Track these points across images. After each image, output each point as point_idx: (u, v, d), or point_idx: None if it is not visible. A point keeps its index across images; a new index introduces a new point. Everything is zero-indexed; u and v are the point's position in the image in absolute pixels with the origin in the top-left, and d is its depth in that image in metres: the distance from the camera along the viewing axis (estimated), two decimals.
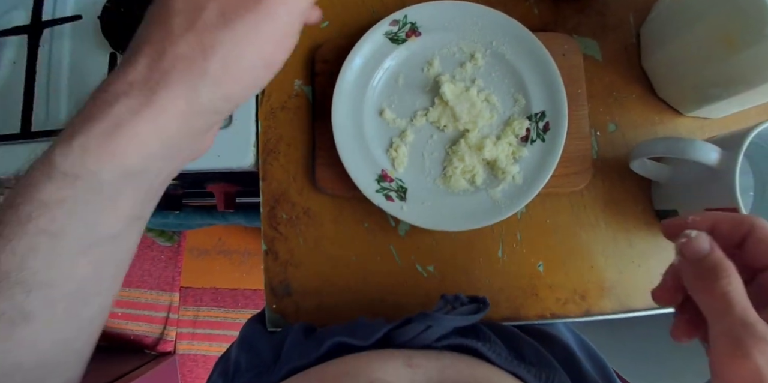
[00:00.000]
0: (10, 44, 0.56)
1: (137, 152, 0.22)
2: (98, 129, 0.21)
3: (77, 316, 0.25)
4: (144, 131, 0.22)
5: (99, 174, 0.22)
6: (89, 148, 0.21)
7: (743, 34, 0.37)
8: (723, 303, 0.23)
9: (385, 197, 0.42)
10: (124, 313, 1.42)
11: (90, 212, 0.22)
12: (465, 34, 0.44)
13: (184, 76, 0.22)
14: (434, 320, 0.35)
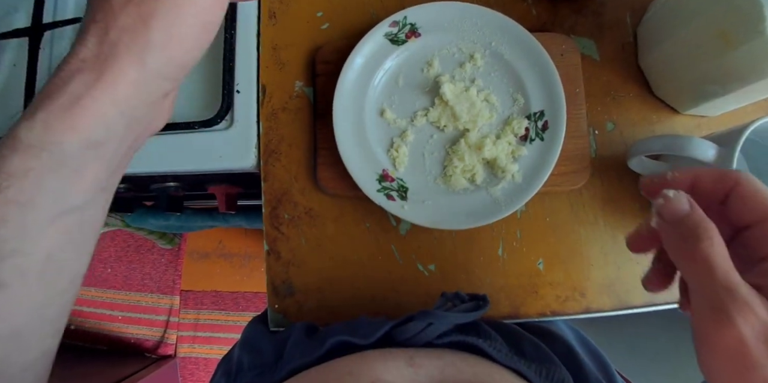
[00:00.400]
0: (11, 47, 0.56)
1: (96, 123, 0.23)
2: (57, 104, 0.23)
3: (49, 284, 0.26)
4: (100, 102, 0.23)
5: (62, 145, 0.23)
6: (50, 122, 0.22)
7: (739, 31, 0.38)
8: (704, 266, 0.22)
9: (387, 197, 0.43)
10: (125, 316, 1.42)
11: (56, 182, 0.23)
12: (464, 34, 0.45)
13: (130, 47, 0.23)
14: (435, 317, 0.35)
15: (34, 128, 0.22)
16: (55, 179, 0.23)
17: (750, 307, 0.20)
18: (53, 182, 0.23)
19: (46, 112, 0.23)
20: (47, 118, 0.23)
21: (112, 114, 0.23)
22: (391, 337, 0.36)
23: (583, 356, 0.42)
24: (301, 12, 0.49)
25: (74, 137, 0.23)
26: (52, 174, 0.23)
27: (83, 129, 0.23)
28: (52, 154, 0.23)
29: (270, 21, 0.49)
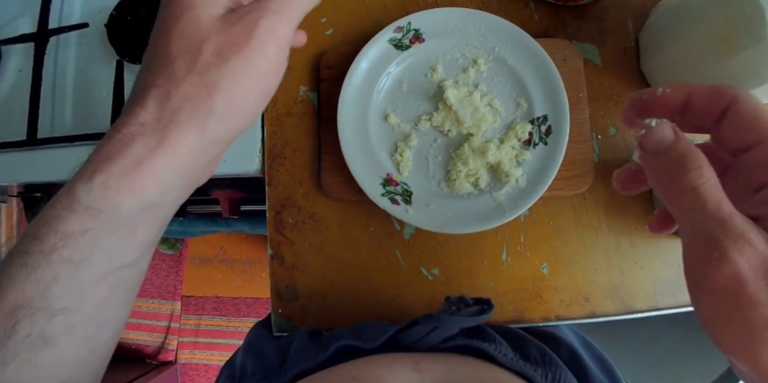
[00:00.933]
0: (16, 52, 0.56)
1: (155, 186, 0.24)
2: (117, 167, 0.23)
3: (95, 339, 0.26)
4: (160, 167, 0.23)
5: (120, 208, 0.23)
6: (110, 185, 0.23)
7: (740, 36, 0.38)
8: (693, 198, 0.20)
9: (391, 201, 0.43)
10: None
11: (110, 243, 0.24)
12: (468, 40, 0.45)
13: (192, 115, 0.23)
14: (440, 321, 0.35)
15: (93, 189, 0.23)
16: (109, 240, 0.24)
17: (746, 239, 0.18)
18: (108, 243, 0.24)
19: (106, 174, 0.23)
20: (107, 180, 0.23)
21: (170, 178, 0.24)
22: (395, 341, 0.36)
23: (588, 361, 0.41)
24: (305, 18, 0.48)
25: (133, 200, 0.23)
26: (108, 235, 0.23)
27: (142, 192, 0.23)
28: (109, 216, 0.23)
29: None
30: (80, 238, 0.23)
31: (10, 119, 0.54)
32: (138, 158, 0.23)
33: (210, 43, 0.23)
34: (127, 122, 0.23)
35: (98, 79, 0.52)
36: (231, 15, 0.24)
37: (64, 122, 0.53)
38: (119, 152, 0.23)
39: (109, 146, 0.23)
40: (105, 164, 0.23)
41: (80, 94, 0.53)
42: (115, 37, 0.51)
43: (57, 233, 0.23)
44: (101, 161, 0.23)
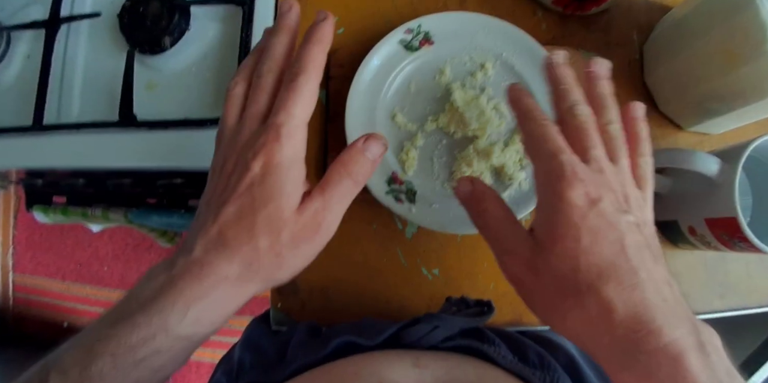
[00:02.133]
0: (26, 38, 0.56)
1: (225, 318, 0.30)
2: (206, 307, 0.29)
3: None
4: (235, 307, 0.30)
5: (199, 335, 0.29)
6: (200, 319, 0.29)
7: (743, 51, 0.39)
8: (489, 229, 0.31)
9: (395, 199, 0.43)
10: None
11: (182, 356, 0.30)
12: (476, 44, 0.46)
13: (264, 279, 0.30)
14: (441, 321, 0.35)
15: (184, 321, 0.28)
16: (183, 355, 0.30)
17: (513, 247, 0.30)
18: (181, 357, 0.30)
19: (197, 310, 0.28)
20: (197, 316, 0.28)
21: (231, 313, 0.31)
22: (396, 339, 0.36)
23: (586, 368, 0.42)
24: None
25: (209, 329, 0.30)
26: (184, 352, 0.30)
27: (216, 324, 0.30)
28: (191, 341, 0.29)
29: None
30: (165, 354, 0.28)
31: (17, 104, 0.54)
32: (222, 301, 0.29)
33: (287, 232, 0.29)
34: (212, 271, 0.29)
35: (108, 68, 0.52)
36: (303, 208, 0.30)
37: (71, 109, 0.53)
38: (208, 297, 0.29)
39: (198, 288, 0.28)
40: (197, 303, 0.28)
41: (89, 83, 0.53)
42: (127, 27, 0.51)
43: (149, 348, 0.27)
44: (195, 299, 0.28)
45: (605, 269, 0.25)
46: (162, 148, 0.48)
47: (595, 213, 0.26)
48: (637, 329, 0.24)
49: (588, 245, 0.26)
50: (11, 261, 1.50)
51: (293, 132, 0.30)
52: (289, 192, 0.30)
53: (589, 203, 0.26)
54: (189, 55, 0.51)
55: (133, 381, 0.27)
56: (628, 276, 0.25)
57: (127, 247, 1.44)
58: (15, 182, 0.65)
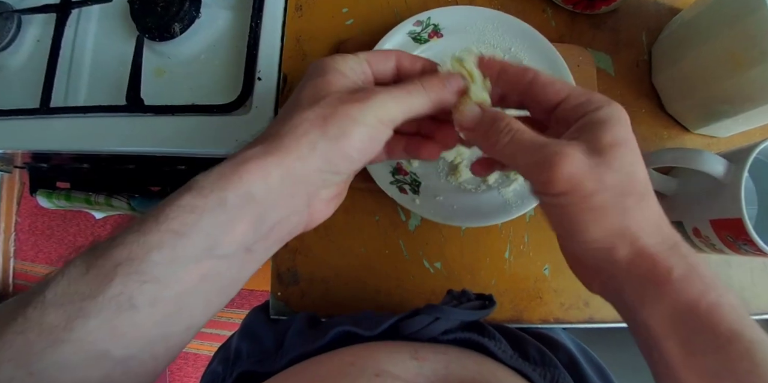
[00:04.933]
0: (36, 22, 0.57)
1: (259, 180, 0.27)
2: (234, 160, 0.27)
3: (171, 324, 0.27)
4: (268, 165, 0.27)
5: (227, 192, 0.26)
6: (224, 172, 0.26)
7: (749, 54, 0.39)
8: (514, 144, 0.28)
9: (399, 190, 0.43)
10: None
11: (212, 225, 0.26)
12: (485, 38, 0.46)
13: (307, 132, 0.27)
14: (442, 312, 0.35)
15: (210, 175, 0.26)
16: (212, 222, 0.26)
17: (566, 151, 0.26)
18: (210, 224, 0.26)
19: (223, 164, 0.27)
20: (222, 169, 0.27)
21: (274, 177, 0.27)
22: (396, 331, 0.36)
23: (586, 367, 0.41)
24: (327, 7, 0.50)
25: (239, 188, 0.26)
26: (211, 217, 0.26)
27: (248, 182, 0.26)
28: (217, 198, 0.26)
29: (296, 13, 0.50)
30: (189, 213, 0.25)
31: (25, 87, 0.54)
32: (252, 154, 0.27)
33: (335, 95, 0.28)
34: (256, 138, 0.29)
35: (117, 53, 0.52)
36: (355, 84, 0.30)
37: (78, 93, 0.53)
38: (240, 152, 0.27)
39: (236, 151, 0.28)
40: (226, 160, 0.27)
41: (97, 68, 0.53)
42: (137, 13, 0.51)
43: (172, 205, 0.25)
44: (227, 159, 0.27)
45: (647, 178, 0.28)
46: (168, 133, 0.48)
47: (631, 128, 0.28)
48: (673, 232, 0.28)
49: (638, 156, 0.27)
50: (13, 248, 1.50)
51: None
52: (337, 72, 0.29)
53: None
54: (198, 42, 0.51)
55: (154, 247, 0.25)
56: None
57: None
58: (20, 167, 0.65)
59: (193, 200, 0.26)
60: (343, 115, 0.27)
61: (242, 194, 0.26)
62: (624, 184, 0.26)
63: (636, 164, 0.27)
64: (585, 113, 0.28)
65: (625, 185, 0.26)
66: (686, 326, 0.25)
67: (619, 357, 0.70)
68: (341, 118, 0.27)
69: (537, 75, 0.30)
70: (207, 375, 0.43)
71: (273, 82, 0.48)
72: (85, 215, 1.42)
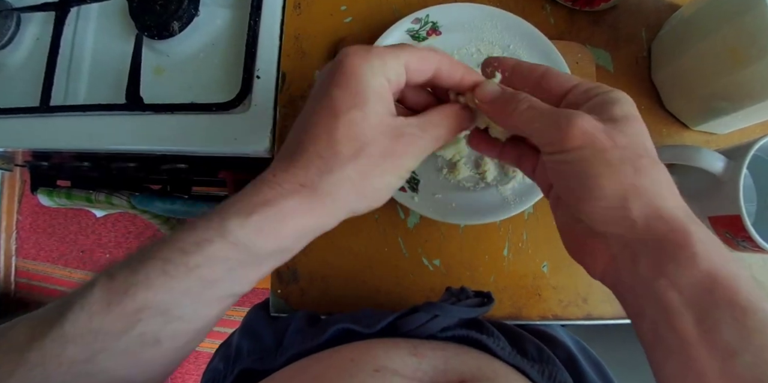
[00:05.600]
0: (36, 20, 0.57)
1: (293, 237, 0.28)
2: (273, 215, 0.27)
3: (186, 349, 0.29)
4: (303, 224, 0.28)
5: (261, 248, 0.27)
6: (262, 228, 0.27)
7: (749, 50, 0.39)
8: (532, 110, 0.28)
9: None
10: None
11: (241, 274, 0.28)
12: (484, 36, 0.46)
13: (348, 195, 0.28)
14: (441, 309, 0.35)
15: (246, 227, 0.26)
16: (241, 272, 0.27)
17: (578, 113, 0.27)
18: (239, 274, 0.27)
19: (262, 218, 0.27)
20: (260, 224, 0.27)
21: (307, 233, 0.29)
22: (394, 328, 0.36)
23: (585, 364, 0.41)
24: (325, 4, 0.50)
25: (273, 244, 0.27)
26: (241, 267, 0.27)
27: (282, 239, 0.28)
28: (250, 252, 0.27)
29: (295, 11, 0.50)
30: (221, 264, 0.26)
31: (25, 85, 0.54)
32: (291, 211, 0.27)
33: (376, 145, 0.28)
34: (285, 177, 0.28)
35: (116, 52, 0.52)
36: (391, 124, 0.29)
37: (78, 91, 0.53)
38: (277, 203, 0.27)
39: (269, 193, 0.27)
40: (263, 208, 0.27)
41: (97, 66, 0.54)
42: (136, 11, 0.51)
43: (203, 253, 0.26)
44: (260, 204, 0.27)
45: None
46: (168, 131, 0.48)
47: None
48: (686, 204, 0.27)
49: (647, 131, 0.28)
50: (14, 246, 1.51)
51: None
52: (375, 100, 0.28)
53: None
54: (197, 40, 0.52)
55: (181, 292, 0.26)
56: None
57: (130, 235, 1.45)
58: (20, 165, 0.65)
59: (227, 252, 0.26)
60: (379, 174, 0.28)
61: (274, 248, 0.28)
62: (636, 147, 0.26)
63: (645, 136, 0.28)
64: (596, 95, 0.28)
65: (637, 148, 0.26)
66: (706, 298, 0.24)
67: (618, 354, 0.71)
68: (377, 178, 0.28)
69: (548, 68, 0.31)
70: (208, 373, 0.44)
71: (272, 80, 0.48)
72: (86, 213, 1.43)
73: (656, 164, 0.27)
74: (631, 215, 0.26)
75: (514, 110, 0.29)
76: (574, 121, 0.26)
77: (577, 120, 0.26)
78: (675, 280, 0.25)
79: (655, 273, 0.25)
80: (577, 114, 0.27)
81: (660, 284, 0.25)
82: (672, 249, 0.25)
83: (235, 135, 0.47)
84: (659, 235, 0.25)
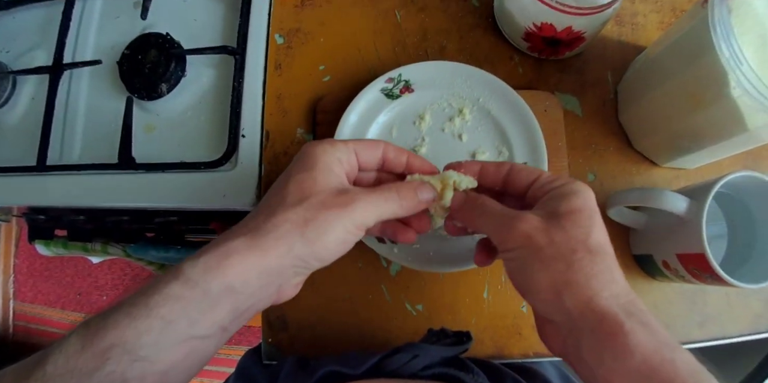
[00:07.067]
0: (31, 82, 0.59)
1: (239, 274, 0.30)
2: (219, 253, 0.30)
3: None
4: (248, 262, 0.30)
5: (210, 284, 0.29)
6: (209, 265, 0.29)
7: (706, 94, 0.40)
8: (486, 215, 0.33)
9: (378, 240, 0.45)
10: None
11: (195, 312, 0.29)
12: (454, 91, 0.48)
13: (287, 233, 0.30)
14: (420, 349, 0.37)
15: (196, 266, 0.29)
16: (195, 310, 0.29)
17: (525, 214, 0.31)
18: (193, 312, 0.29)
19: (209, 256, 0.30)
20: (208, 261, 0.29)
21: (252, 272, 0.30)
22: (378, 369, 0.38)
23: None
24: (305, 65, 0.53)
25: (221, 281, 0.29)
26: (195, 305, 0.29)
27: (229, 276, 0.29)
28: (201, 290, 0.29)
29: (276, 72, 0.53)
30: (176, 302, 0.29)
31: (22, 144, 0.56)
32: (234, 250, 0.30)
33: (319, 196, 0.31)
34: (238, 227, 0.31)
35: (108, 112, 0.55)
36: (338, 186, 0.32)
37: (72, 150, 0.55)
38: (224, 243, 0.30)
39: (220, 239, 0.31)
40: (211, 249, 0.30)
41: (90, 126, 0.56)
42: (127, 74, 0.54)
43: (161, 294, 0.29)
44: (211, 246, 0.30)
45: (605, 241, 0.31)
46: (159, 189, 0.50)
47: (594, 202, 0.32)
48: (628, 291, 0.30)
49: (596, 221, 0.31)
50: (12, 289, 1.52)
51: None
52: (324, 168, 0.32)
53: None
54: (185, 99, 0.54)
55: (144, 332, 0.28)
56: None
57: (126, 277, 1.46)
58: (18, 216, 0.67)
59: (181, 290, 0.29)
60: (322, 221, 0.30)
61: (225, 286, 0.29)
62: (574, 242, 0.29)
63: (591, 226, 0.30)
64: (550, 190, 0.32)
65: (575, 244, 0.29)
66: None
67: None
68: (320, 224, 0.30)
69: (512, 165, 0.35)
70: None
71: (256, 138, 0.50)
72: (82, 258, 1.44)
73: (594, 256, 0.29)
74: (565, 306, 0.29)
75: (475, 215, 0.34)
76: (515, 224, 0.30)
77: (517, 223, 0.30)
78: (613, 369, 0.27)
79: (595, 361, 0.28)
80: (520, 217, 0.31)
81: (602, 372, 0.27)
82: (605, 339, 0.27)
83: (223, 192, 0.49)
84: (593, 323, 0.28)
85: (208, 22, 0.55)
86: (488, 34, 0.53)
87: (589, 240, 0.30)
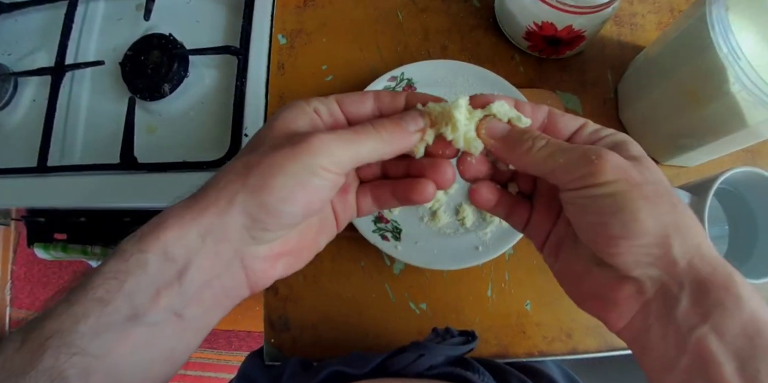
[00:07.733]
0: (32, 83, 0.59)
1: (177, 239, 0.25)
2: (154, 220, 0.26)
3: None
4: (184, 223, 0.25)
5: (146, 254, 0.25)
6: (144, 233, 0.25)
7: (706, 91, 0.40)
8: (549, 147, 0.26)
9: (381, 237, 0.45)
10: None
11: (134, 288, 0.25)
12: (456, 89, 0.49)
13: (228, 184, 0.25)
14: (426, 349, 0.37)
15: (132, 238, 0.25)
16: (133, 286, 0.25)
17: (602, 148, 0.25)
18: (131, 288, 0.25)
19: (146, 225, 0.26)
20: (143, 230, 0.25)
21: (192, 235, 0.25)
22: (383, 369, 0.37)
23: None
24: (307, 65, 0.53)
25: (158, 249, 0.25)
26: (132, 280, 0.25)
27: (165, 243, 0.25)
28: (137, 261, 0.25)
29: (278, 72, 0.53)
30: (113, 279, 0.25)
31: (22, 146, 0.56)
32: (171, 212, 0.26)
33: (273, 141, 0.26)
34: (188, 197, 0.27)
35: (110, 113, 0.55)
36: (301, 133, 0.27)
37: (73, 151, 0.55)
38: (165, 212, 0.26)
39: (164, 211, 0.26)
40: (150, 220, 0.26)
41: (91, 127, 0.56)
42: (129, 75, 0.54)
43: (99, 273, 0.25)
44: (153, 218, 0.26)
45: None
46: (161, 189, 0.50)
47: None
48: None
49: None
50: (9, 296, 1.50)
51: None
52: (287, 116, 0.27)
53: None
54: (187, 100, 0.54)
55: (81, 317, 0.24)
56: None
57: None
58: (16, 219, 0.67)
59: (116, 265, 0.25)
60: (268, 164, 0.25)
61: (162, 254, 0.25)
62: (663, 184, 0.26)
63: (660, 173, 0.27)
64: (605, 136, 0.28)
65: (665, 186, 0.26)
66: (747, 345, 0.22)
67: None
68: (265, 167, 0.25)
69: (551, 109, 0.30)
70: None
71: None
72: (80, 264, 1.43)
73: (683, 203, 0.25)
74: (671, 254, 0.24)
75: (531, 147, 0.27)
76: (605, 155, 0.25)
77: (605, 154, 0.25)
78: (719, 326, 0.23)
79: (697, 319, 0.23)
80: (602, 149, 0.25)
81: (701, 332, 0.23)
82: (717, 292, 0.23)
83: None
84: (702, 276, 0.23)
85: (210, 24, 0.56)
86: (489, 34, 0.53)
87: (665, 185, 0.26)
